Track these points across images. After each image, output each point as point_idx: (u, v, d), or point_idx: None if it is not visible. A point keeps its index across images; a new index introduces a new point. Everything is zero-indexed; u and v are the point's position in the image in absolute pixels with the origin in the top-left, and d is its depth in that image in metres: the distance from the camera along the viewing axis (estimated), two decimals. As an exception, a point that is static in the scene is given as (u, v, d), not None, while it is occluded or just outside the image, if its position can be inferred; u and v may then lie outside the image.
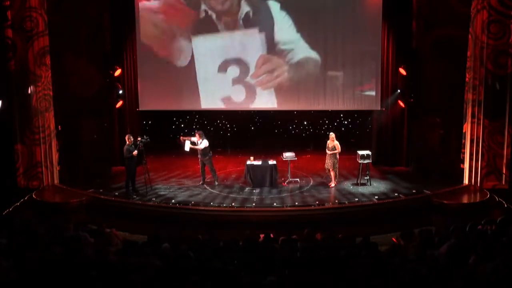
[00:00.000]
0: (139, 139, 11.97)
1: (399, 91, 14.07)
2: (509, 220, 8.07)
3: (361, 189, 12.29)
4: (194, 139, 12.50)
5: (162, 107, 14.85)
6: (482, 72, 11.81)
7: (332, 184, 12.45)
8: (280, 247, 7.65)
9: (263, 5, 14.01)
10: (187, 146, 12.48)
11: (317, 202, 11.39)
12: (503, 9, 11.49)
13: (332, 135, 12.35)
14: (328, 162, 12.36)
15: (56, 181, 12.86)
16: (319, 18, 13.98)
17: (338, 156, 12.34)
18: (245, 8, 14.02)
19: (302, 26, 14.02)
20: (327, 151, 12.32)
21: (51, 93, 12.72)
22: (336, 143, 12.24)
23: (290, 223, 10.17)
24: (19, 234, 7.64)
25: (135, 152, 11.78)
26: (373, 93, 14.15)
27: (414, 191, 11.96)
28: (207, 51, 14.30)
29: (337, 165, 12.37)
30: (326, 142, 12.39)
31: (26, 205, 11.54)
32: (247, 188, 12.42)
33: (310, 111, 15.69)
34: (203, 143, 12.41)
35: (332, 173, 12.41)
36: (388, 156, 14.53)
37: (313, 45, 14.08)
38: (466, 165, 12.34)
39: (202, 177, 12.85)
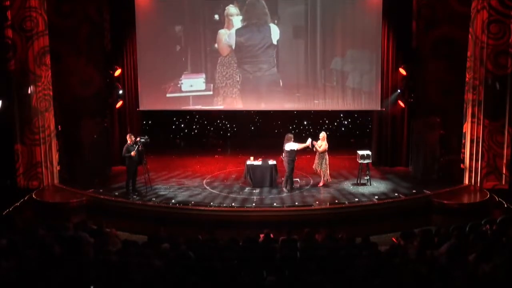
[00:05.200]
0: (138, 139, 11.96)
1: (399, 91, 14.06)
2: (509, 220, 8.09)
3: (361, 189, 12.29)
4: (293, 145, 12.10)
5: (162, 107, 14.84)
6: (482, 72, 11.80)
7: (320, 184, 12.46)
8: (280, 247, 7.65)
9: (261, 4, 14.01)
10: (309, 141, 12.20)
11: (317, 202, 11.39)
12: (503, 9, 11.49)
13: (320, 134, 12.36)
14: (315, 162, 12.41)
15: (56, 181, 12.85)
16: (319, 18, 13.97)
17: (326, 156, 12.32)
18: (243, 9, 14.03)
19: (302, 26, 14.02)
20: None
21: (51, 93, 12.71)
22: (323, 143, 12.24)
23: (290, 223, 10.16)
24: (19, 234, 7.64)
25: (133, 153, 11.77)
26: (373, 93, 14.13)
27: (414, 191, 11.95)
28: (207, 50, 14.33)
29: (324, 165, 12.32)
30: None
31: (26, 205, 11.53)
32: (247, 188, 12.42)
33: (310, 111, 15.69)
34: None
35: (321, 173, 12.42)
36: (388, 156, 14.50)
37: (313, 45, 14.09)
38: (466, 165, 12.33)
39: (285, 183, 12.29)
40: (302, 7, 13.96)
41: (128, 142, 11.93)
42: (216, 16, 14.12)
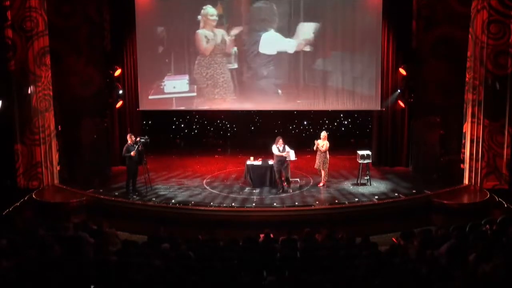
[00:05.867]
0: (138, 139, 11.97)
1: (399, 91, 14.06)
2: (509, 220, 8.09)
3: (361, 189, 12.29)
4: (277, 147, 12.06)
5: (162, 107, 14.85)
6: (482, 72, 11.79)
7: (321, 184, 12.46)
8: (280, 247, 7.66)
9: (264, 5, 14.02)
10: (293, 155, 12.14)
11: (317, 202, 11.40)
12: (503, 9, 11.47)
13: (322, 134, 12.36)
14: (316, 162, 12.42)
15: (56, 181, 12.84)
16: (319, 18, 13.98)
17: (327, 155, 12.34)
18: (244, 10, 14.06)
19: (302, 26, 14.03)
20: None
21: (51, 93, 12.70)
22: (325, 142, 12.26)
23: (290, 223, 10.17)
24: (19, 234, 7.65)
25: (133, 153, 11.77)
26: (373, 93, 14.14)
27: (414, 191, 11.95)
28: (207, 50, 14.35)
29: (326, 164, 12.35)
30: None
31: (26, 205, 11.52)
32: (247, 188, 12.42)
33: (310, 111, 15.70)
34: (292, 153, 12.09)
35: (323, 172, 12.43)
36: (388, 156, 14.51)
37: (313, 45, 14.09)
38: (466, 165, 12.32)
39: (281, 185, 12.16)
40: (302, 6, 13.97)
41: (128, 142, 11.94)
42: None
